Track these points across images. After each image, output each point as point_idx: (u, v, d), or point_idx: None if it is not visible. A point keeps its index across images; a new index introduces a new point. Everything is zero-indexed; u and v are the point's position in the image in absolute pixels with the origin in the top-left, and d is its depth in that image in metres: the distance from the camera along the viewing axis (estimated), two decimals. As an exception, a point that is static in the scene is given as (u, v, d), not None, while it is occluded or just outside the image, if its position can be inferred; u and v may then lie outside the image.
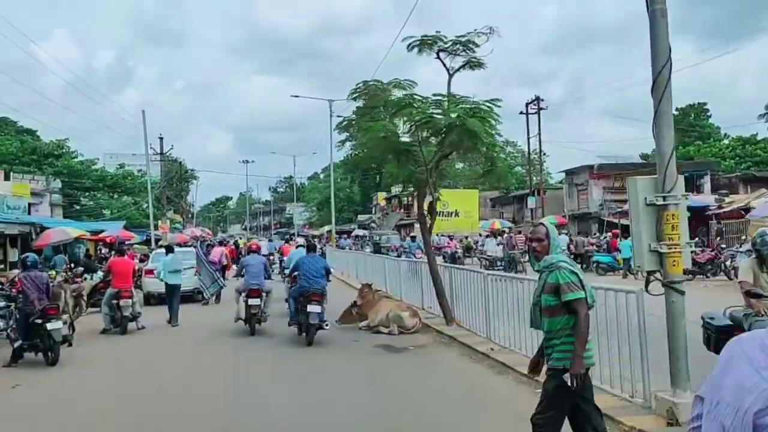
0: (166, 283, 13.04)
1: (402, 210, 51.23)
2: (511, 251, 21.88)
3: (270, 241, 33.77)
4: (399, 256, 20.92)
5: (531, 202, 40.79)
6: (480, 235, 33.68)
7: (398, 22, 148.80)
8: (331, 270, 11.30)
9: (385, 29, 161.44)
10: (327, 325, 10.13)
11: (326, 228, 66.06)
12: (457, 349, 9.32)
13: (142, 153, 34.22)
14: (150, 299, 16.13)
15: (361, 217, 65.44)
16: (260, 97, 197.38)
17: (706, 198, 28.32)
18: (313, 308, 9.66)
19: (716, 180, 36.76)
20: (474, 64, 10.03)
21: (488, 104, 9.65)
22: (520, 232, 32.11)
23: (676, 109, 59.65)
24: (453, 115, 9.39)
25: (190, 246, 23.40)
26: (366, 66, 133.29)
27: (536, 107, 39.73)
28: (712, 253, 17.64)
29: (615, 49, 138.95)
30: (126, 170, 49.56)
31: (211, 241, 35.67)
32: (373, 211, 60.11)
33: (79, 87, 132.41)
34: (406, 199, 51.34)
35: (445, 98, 9.83)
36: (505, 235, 24.47)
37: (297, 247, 16.04)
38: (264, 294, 11.11)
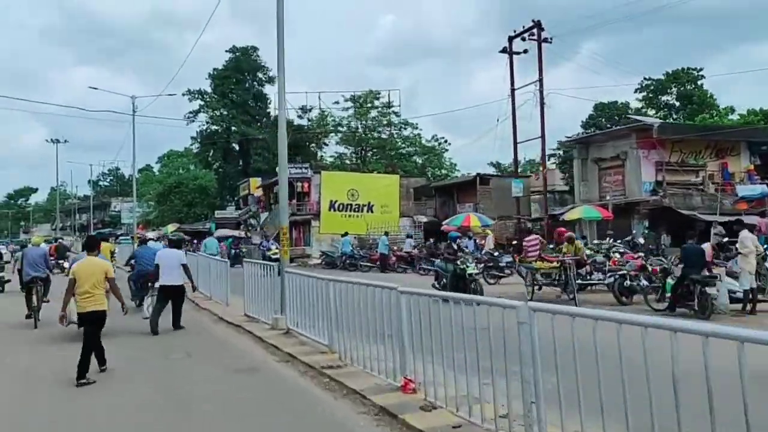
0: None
1: (295, 201, 33.58)
2: None
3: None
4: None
5: (516, 187, 25.93)
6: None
7: (233, 20, 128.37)
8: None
9: (219, 25, 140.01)
10: None
11: (170, 227, 47.00)
12: None
13: None
14: None
15: (220, 214, 46.40)
16: (83, 87, 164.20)
17: None
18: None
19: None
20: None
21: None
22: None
23: (663, 74, 48.74)
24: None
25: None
26: (202, 60, 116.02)
27: (535, 38, 24.67)
28: None
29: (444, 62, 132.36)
30: None
31: None
32: (247, 202, 41.40)
33: None
34: (299, 185, 33.84)
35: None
36: None
37: (148, 241, 17.32)
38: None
